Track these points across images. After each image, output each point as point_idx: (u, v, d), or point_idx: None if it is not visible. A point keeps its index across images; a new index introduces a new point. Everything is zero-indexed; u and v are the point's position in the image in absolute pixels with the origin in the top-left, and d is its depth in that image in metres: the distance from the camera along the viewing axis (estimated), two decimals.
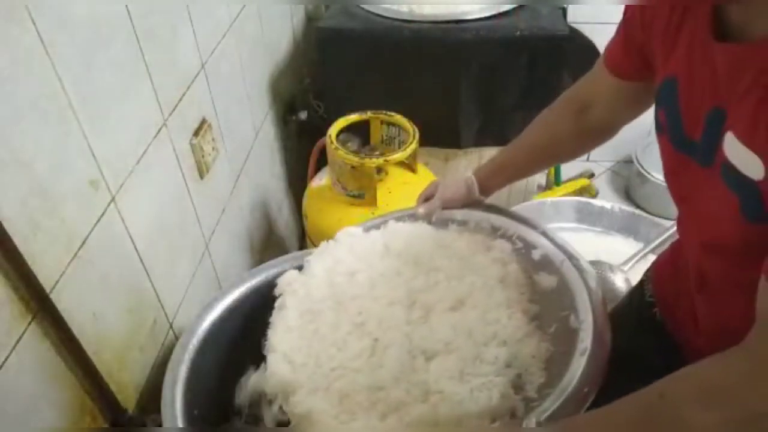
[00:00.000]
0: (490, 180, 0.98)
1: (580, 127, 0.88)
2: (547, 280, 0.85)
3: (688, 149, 0.64)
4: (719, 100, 0.57)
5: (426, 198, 1.02)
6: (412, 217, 1.01)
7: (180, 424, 0.85)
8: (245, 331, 1.15)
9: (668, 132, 0.66)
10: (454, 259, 0.90)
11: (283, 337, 0.84)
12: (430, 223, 0.99)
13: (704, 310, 0.73)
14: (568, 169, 2.28)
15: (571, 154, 0.95)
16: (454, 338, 0.78)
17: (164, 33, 0.95)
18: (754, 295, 0.53)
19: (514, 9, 1.53)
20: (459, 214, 0.99)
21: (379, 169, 1.43)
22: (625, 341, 0.75)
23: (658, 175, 2.10)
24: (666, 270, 0.86)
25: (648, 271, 0.93)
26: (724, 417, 0.51)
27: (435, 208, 1.00)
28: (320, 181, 1.52)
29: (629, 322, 0.89)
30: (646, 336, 0.87)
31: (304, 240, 1.70)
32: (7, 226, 0.61)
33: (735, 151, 0.55)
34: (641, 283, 0.93)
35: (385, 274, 0.89)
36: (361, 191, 1.39)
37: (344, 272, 0.90)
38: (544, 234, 0.92)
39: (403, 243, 0.94)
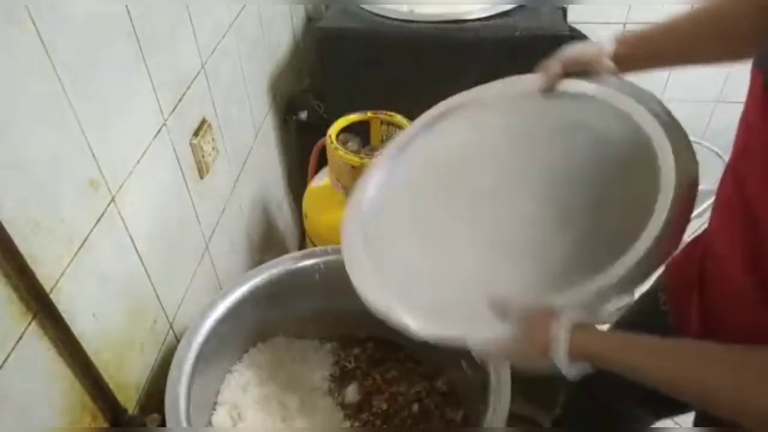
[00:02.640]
0: (629, 47, 0.75)
1: None
2: None
3: None
4: None
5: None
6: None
7: (183, 422, 0.85)
8: (246, 331, 1.16)
9: None
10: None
11: None
12: (547, 94, 0.81)
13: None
14: None
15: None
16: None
17: (164, 33, 0.95)
18: None
19: (514, 9, 1.53)
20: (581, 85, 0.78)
21: None
22: None
23: None
24: (676, 265, 0.82)
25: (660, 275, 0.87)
26: None
27: (555, 76, 0.80)
28: (320, 181, 1.52)
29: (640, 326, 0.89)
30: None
31: (304, 240, 1.69)
32: (7, 226, 0.61)
33: None
34: (654, 290, 0.88)
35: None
36: None
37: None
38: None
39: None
